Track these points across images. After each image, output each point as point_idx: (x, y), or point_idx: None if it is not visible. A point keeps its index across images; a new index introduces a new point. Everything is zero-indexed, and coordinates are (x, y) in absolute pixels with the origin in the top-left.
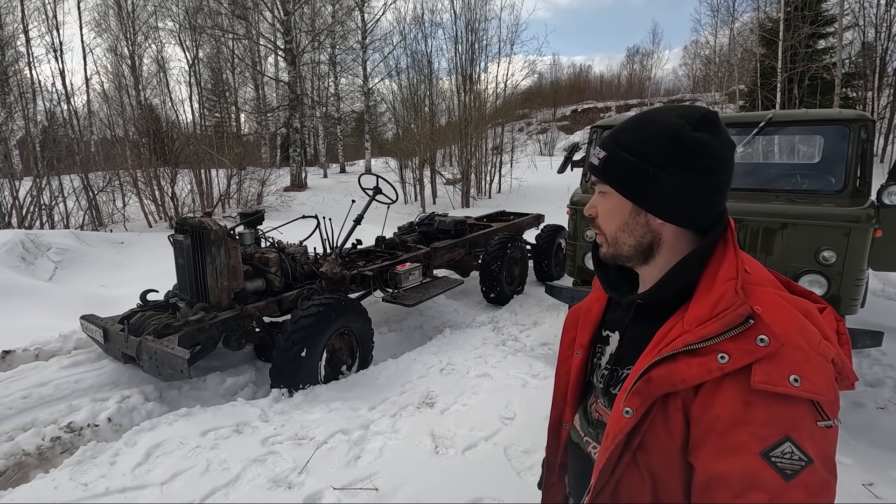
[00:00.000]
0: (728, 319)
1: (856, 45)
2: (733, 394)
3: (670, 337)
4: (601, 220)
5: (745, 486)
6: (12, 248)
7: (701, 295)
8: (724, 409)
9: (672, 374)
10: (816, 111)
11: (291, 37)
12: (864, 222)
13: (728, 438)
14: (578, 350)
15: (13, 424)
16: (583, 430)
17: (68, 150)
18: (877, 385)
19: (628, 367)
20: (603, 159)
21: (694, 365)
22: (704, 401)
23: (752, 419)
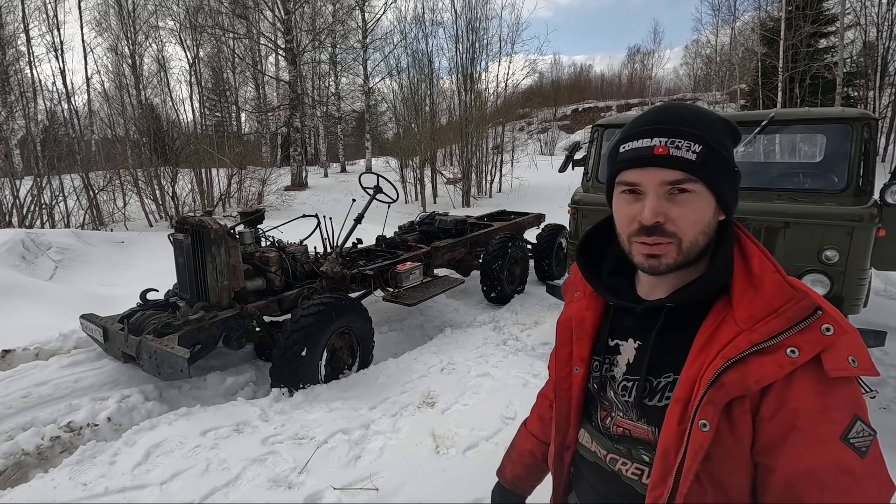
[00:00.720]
0: (793, 313)
1: (857, 44)
2: (807, 386)
3: (724, 338)
4: (680, 224)
5: (835, 473)
6: (13, 248)
7: (744, 291)
8: (801, 402)
9: (746, 377)
10: (819, 109)
11: (292, 36)
12: (866, 221)
13: (811, 432)
14: (578, 365)
15: (13, 424)
16: (604, 448)
17: (69, 149)
18: (879, 385)
19: (666, 376)
20: (702, 154)
21: (766, 364)
22: (777, 398)
23: (829, 407)
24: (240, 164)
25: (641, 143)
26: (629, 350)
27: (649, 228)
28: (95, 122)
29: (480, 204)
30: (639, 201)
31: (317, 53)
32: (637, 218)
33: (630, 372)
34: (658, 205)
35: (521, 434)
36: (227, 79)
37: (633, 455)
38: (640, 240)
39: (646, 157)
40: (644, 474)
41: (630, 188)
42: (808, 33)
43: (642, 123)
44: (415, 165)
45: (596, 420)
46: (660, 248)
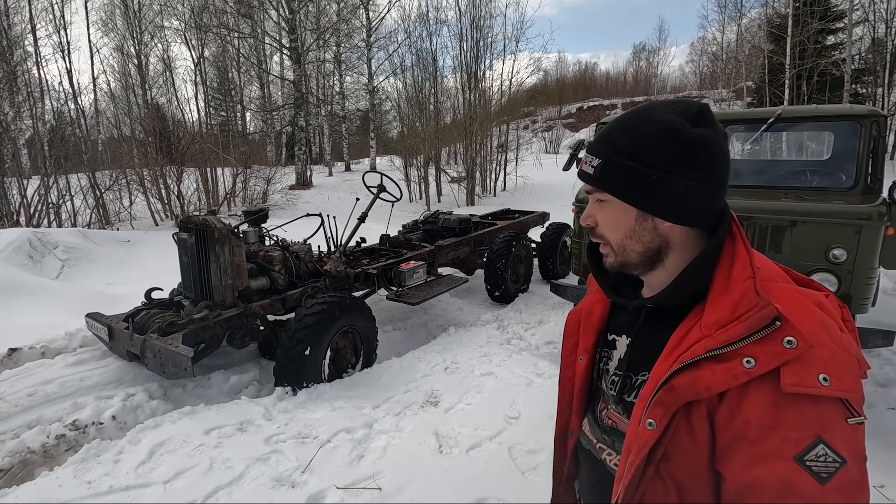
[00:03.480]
0: (752, 322)
1: (865, 40)
2: (761, 398)
3: (688, 342)
4: (604, 230)
5: (780, 492)
6: (20, 247)
7: (717, 296)
8: (753, 414)
9: (696, 382)
10: (827, 107)
11: (296, 35)
12: (875, 220)
13: (760, 445)
14: (582, 355)
15: (19, 422)
16: (595, 437)
17: (75, 148)
18: (888, 385)
19: (642, 374)
20: (598, 167)
21: (719, 371)
22: (730, 406)
23: (784, 423)
24: (245, 164)
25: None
26: (622, 346)
27: (592, 231)
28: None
29: (484, 203)
30: None
31: (321, 52)
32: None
33: (619, 367)
34: (590, 209)
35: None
36: (231, 78)
37: (616, 447)
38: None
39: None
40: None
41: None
42: (816, 30)
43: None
44: (419, 164)
45: (595, 409)
46: (604, 248)
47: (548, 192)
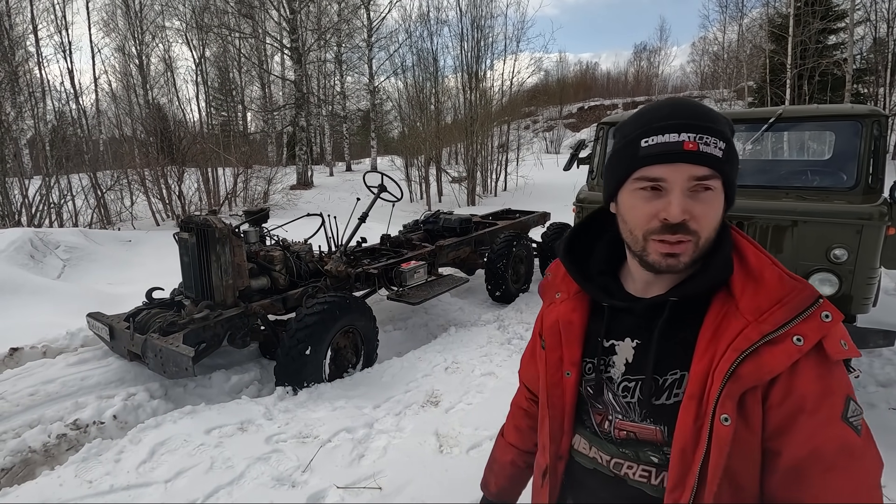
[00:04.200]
0: (797, 303)
1: (867, 40)
2: (810, 371)
3: (731, 331)
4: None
5: (838, 453)
6: (21, 246)
7: (745, 283)
8: (807, 387)
9: (760, 368)
10: (828, 106)
11: (297, 35)
12: (876, 220)
13: (817, 414)
14: (570, 370)
15: (20, 421)
16: (606, 453)
17: (77, 149)
18: (889, 385)
19: (672, 373)
20: (726, 151)
21: (777, 353)
22: (785, 385)
23: (829, 389)
24: (246, 164)
25: (668, 137)
26: (626, 350)
27: (674, 226)
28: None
29: (485, 202)
30: (659, 198)
31: (322, 52)
32: (660, 215)
33: (630, 372)
34: (685, 202)
35: (501, 446)
36: (233, 78)
37: (641, 457)
38: (662, 238)
39: (675, 152)
40: (652, 476)
41: (653, 184)
42: (817, 30)
43: (664, 118)
44: (420, 164)
45: (591, 425)
46: (681, 247)
47: (548, 193)
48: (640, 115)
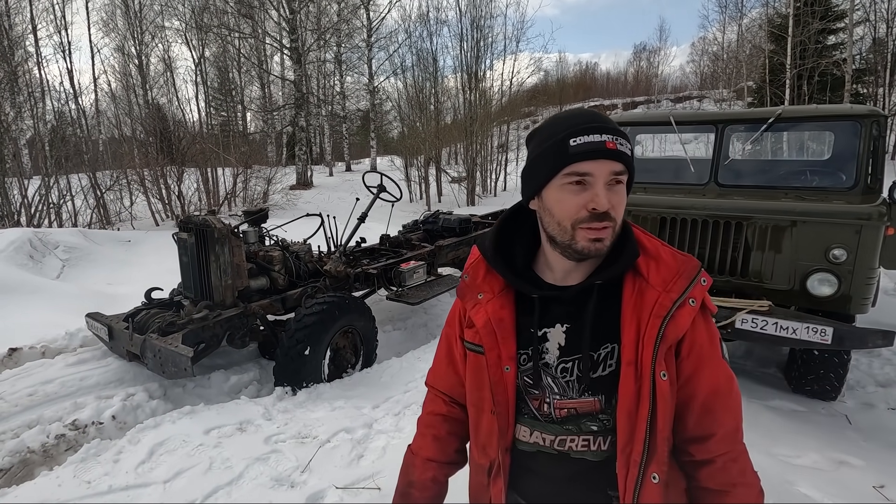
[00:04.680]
0: (689, 273)
1: (866, 40)
2: (701, 324)
3: (648, 302)
4: (617, 211)
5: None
6: (21, 247)
7: (650, 262)
8: (702, 337)
9: (677, 328)
10: (827, 107)
11: (297, 35)
12: (875, 220)
13: (712, 358)
14: (508, 365)
15: (19, 422)
16: (550, 434)
17: (76, 149)
18: (888, 385)
19: (605, 347)
20: (631, 151)
21: (684, 314)
22: (689, 339)
23: (713, 335)
24: (245, 164)
25: (593, 137)
26: (558, 335)
27: (601, 215)
28: (102, 122)
29: (485, 203)
30: (585, 191)
31: (322, 53)
32: (588, 206)
33: (565, 354)
34: (607, 193)
35: (416, 466)
36: (232, 78)
37: (582, 429)
38: (590, 225)
39: (600, 150)
40: (591, 443)
41: (580, 178)
42: (817, 30)
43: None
44: (419, 164)
45: (530, 411)
46: (605, 233)
47: None
48: (562, 121)
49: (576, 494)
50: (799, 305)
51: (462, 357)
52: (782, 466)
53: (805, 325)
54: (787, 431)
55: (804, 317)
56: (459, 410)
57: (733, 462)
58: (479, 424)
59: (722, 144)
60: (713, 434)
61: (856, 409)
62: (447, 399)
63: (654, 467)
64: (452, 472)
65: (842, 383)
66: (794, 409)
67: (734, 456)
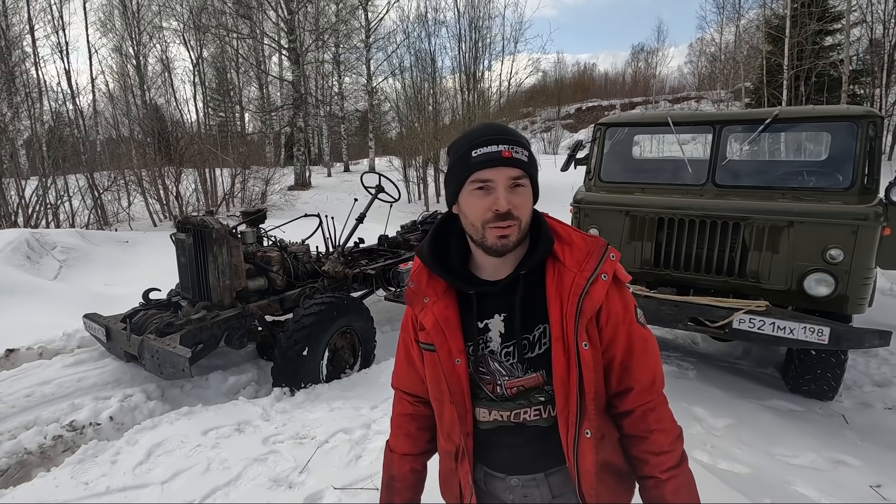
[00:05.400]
0: (597, 252)
1: (863, 41)
2: (615, 294)
3: (567, 282)
4: (520, 211)
5: (643, 343)
6: (18, 247)
7: (564, 247)
8: (617, 305)
9: (592, 301)
10: (824, 107)
11: (295, 36)
12: (872, 220)
13: (625, 323)
14: (459, 357)
15: (16, 423)
16: (506, 410)
17: (74, 149)
18: (885, 385)
19: (538, 328)
20: (528, 157)
21: (598, 289)
22: (606, 310)
23: (626, 302)
24: (243, 164)
25: (490, 148)
26: (497, 324)
27: (504, 215)
28: (100, 123)
29: None
30: (490, 195)
31: (320, 53)
32: (492, 208)
33: (506, 340)
34: (507, 196)
35: (395, 461)
36: (230, 79)
37: (532, 401)
38: (495, 225)
39: (497, 158)
40: (542, 410)
41: (483, 184)
42: (814, 31)
43: (485, 135)
44: (418, 165)
45: (486, 394)
46: (508, 230)
47: (546, 193)
48: (468, 135)
49: (532, 453)
50: (796, 305)
51: (419, 357)
52: (780, 466)
53: (802, 325)
54: (785, 431)
55: (801, 317)
56: (424, 407)
57: (651, 411)
58: (442, 415)
59: (719, 145)
60: (631, 388)
61: (853, 408)
62: (412, 399)
63: (586, 424)
64: (428, 458)
65: (839, 383)
66: (792, 408)
67: (651, 406)
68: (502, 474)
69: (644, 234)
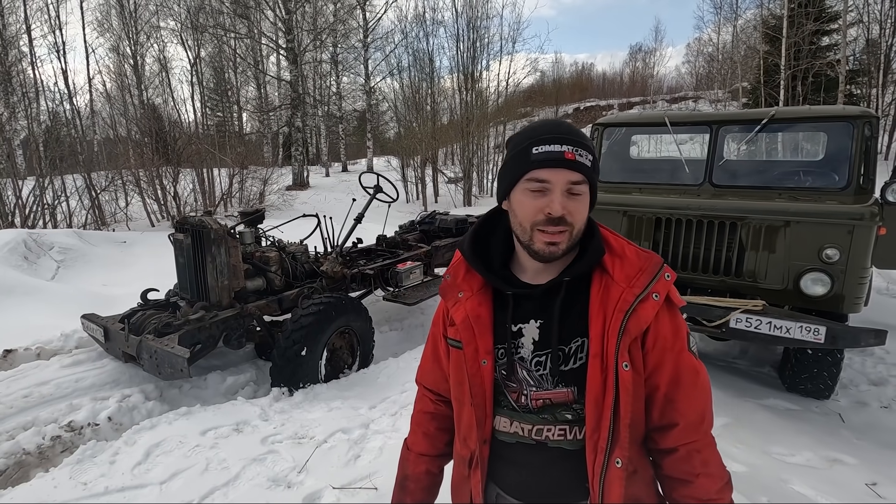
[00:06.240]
0: (651, 269)
1: (860, 41)
2: (665, 317)
3: (613, 297)
4: (574, 217)
5: (692, 375)
6: (15, 248)
7: (615, 260)
8: (666, 329)
9: (639, 321)
10: (820, 108)
11: (293, 36)
12: (867, 220)
13: (674, 350)
14: (486, 358)
15: (14, 423)
16: (528, 423)
17: (71, 149)
18: (881, 384)
19: (575, 341)
20: (592, 162)
21: (647, 308)
22: (653, 331)
23: (677, 328)
24: (241, 164)
25: (553, 147)
26: (532, 330)
27: (556, 219)
28: (97, 123)
29: (482, 203)
30: (544, 196)
31: (318, 53)
32: (545, 210)
33: (539, 348)
34: (564, 200)
35: (410, 460)
36: (228, 79)
37: (558, 418)
38: (545, 229)
39: (558, 159)
40: (567, 432)
41: (539, 184)
42: (811, 31)
43: (550, 132)
44: (416, 164)
45: (509, 403)
46: (559, 237)
47: None
48: (531, 129)
49: (551, 481)
50: (792, 305)
51: (446, 354)
52: (776, 464)
53: (798, 325)
54: (782, 430)
55: (798, 316)
56: (445, 407)
57: (696, 452)
58: (461, 417)
59: (716, 145)
60: (675, 424)
61: (849, 407)
62: (434, 397)
63: (617, 452)
64: (446, 462)
65: (835, 382)
66: (788, 407)
67: (698, 447)
68: (515, 500)
69: (641, 234)
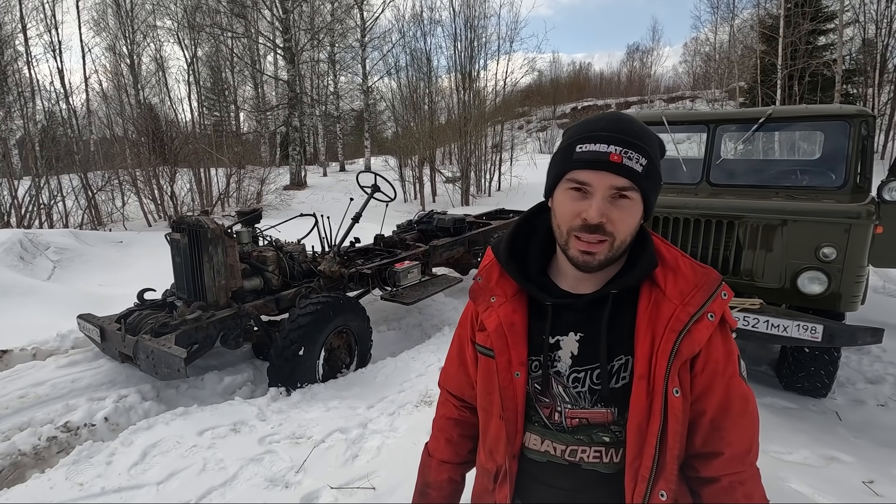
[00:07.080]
0: (708, 286)
1: (856, 41)
2: (718, 339)
3: (665, 314)
4: (616, 227)
5: (742, 402)
6: (11, 248)
7: (667, 274)
8: (719, 353)
9: (692, 343)
10: (817, 107)
11: (290, 35)
12: (864, 218)
13: (725, 374)
14: (519, 370)
15: (10, 424)
16: (561, 443)
17: (67, 149)
18: (877, 382)
19: (619, 359)
20: (646, 167)
21: (701, 329)
22: (704, 354)
23: (729, 351)
24: (238, 164)
25: (598, 147)
26: (571, 343)
27: (593, 227)
28: (94, 122)
29: (479, 203)
30: (585, 199)
31: (315, 52)
32: (582, 215)
33: (578, 363)
34: (604, 206)
35: (432, 467)
36: (225, 78)
37: (594, 439)
38: (581, 235)
39: (602, 161)
40: (603, 454)
41: (579, 186)
42: (807, 31)
43: (599, 129)
44: (414, 164)
45: (541, 419)
46: (596, 247)
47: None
48: (584, 123)
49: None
50: (790, 303)
51: (473, 360)
52: (774, 463)
53: (796, 323)
54: (779, 428)
55: (795, 315)
56: (470, 413)
57: (740, 484)
58: (487, 428)
59: (714, 144)
60: (721, 453)
61: (846, 405)
62: (458, 403)
63: (662, 484)
64: (468, 470)
65: (832, 380)
66: (786, 406)
67: (742, 479)
68: None
69: None
